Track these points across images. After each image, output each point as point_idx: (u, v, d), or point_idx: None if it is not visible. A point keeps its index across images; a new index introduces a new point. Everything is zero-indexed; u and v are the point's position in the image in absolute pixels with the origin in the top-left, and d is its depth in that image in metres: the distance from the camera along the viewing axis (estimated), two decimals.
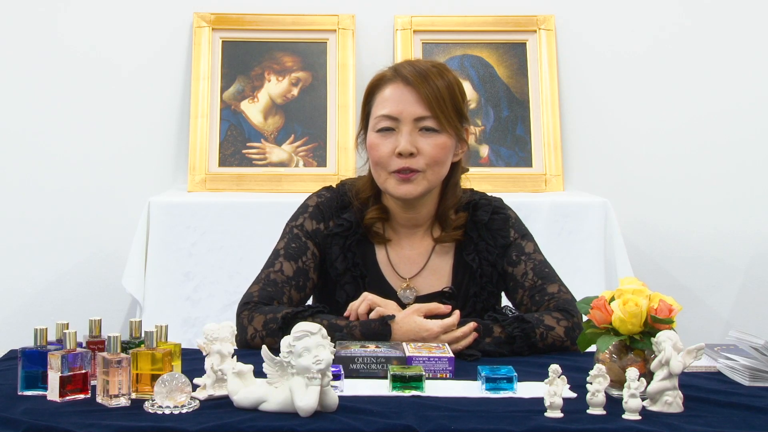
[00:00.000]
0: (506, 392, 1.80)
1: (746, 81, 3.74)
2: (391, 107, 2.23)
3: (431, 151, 2.22)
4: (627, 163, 3.73)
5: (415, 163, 2.22)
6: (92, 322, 1.93)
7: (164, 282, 3.31)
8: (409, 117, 2.22)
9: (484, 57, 3.70)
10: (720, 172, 3.73)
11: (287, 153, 3.61)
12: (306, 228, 2.32)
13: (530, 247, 2.35)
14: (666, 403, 1.71)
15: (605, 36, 3.74)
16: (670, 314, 1.78)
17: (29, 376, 1.80)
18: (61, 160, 3.64)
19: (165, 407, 1.67)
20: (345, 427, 1.60)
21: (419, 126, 2.23)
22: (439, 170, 2.25)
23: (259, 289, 2.26)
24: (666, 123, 3.73)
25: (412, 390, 1.79)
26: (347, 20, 3.67)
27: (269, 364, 1.69)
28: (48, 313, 3.56)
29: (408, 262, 2.33)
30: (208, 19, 3.65)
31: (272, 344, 1.89)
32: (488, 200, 2.38)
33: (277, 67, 3.66)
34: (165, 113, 3.66)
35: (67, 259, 3.64)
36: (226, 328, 1.78)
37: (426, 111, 2.22)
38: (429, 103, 2.21)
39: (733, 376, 1.96)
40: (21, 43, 3.65)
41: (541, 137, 3.64)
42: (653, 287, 1.84)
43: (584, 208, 3.39)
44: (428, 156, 2.22)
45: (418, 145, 2.22)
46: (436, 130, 2.23)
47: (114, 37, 3.67)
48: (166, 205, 3.34)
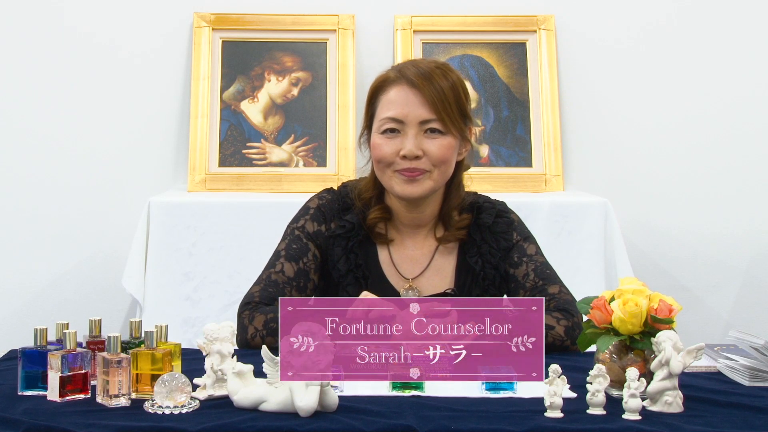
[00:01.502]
0: (506, 392, 1.80)
1: (746, 84, 3.73)
2: (396, 110, 2.23)
3: (437, 152, 2.23)
4: (627, 163, 3.73)
5: (421, 165, 2.23)
6: (92, 322, 1.93)
7: (164, 282, 3.31)
8: (415, 120, 2.22)
9: (484, 57, 3.70)
10: (720, 172, 3.73)
11: (287, 153, 3.61)
12: (307, 229, 2.32)
13: (532, 249, 2.35)
14: (666, 403, 1.71)
15: (605, 36, 3.73)
16: (670, 314, 1.78)
17: (29, 376, 1.80)
18: (61, 160, 3.64)
19: (165, 407, 1.67)
20: (345, 427, 1.60)
21: (424, 128, 2.23)
22: (445, 170, 2.26)
23: (260, 289, 2.27)
24: (666, 123, 3.73)
25: (412, 390, 1.79)
26: (347, 20, 3.67)
27: (269, 364, 1.69)
28: (48, 313, 3.57)
29: (411, 263, 2.33)
30: (208, 19, 3.65)
31: (272, 344, 1.89)
32: (492, 203, 2.39)
33: (277, 67, 3.66)
34: (165, 113, 3.66)
35: (67, 259, 3.64)
36: (226, 328, 1.78)
37: (431, 114, 2.22)
38: (434, 106, 2.22)
39: (733, 376, 1.96)
40: (21, 41, 3.65)
41: (541, 137, 3.64)
42: (653, 287, 1.84)
43: (584, 208, 3.39)
44: (434, 157, 2.23)
45: (423, 147, 2.23)
46: (441, 131, 2.23)
47: (114, 37, 3.67)
48: (166, 205, 3.34)
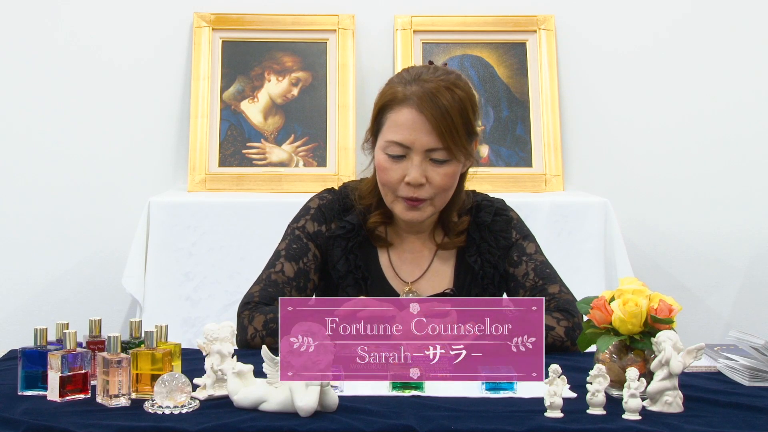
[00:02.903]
0: (506, 392, 1.80)
1: (746, 84, 3.73)
2: (403, 135, 2.21)
3: (440, 181, 2.22)
4: (627, 163, 3.73)
5: (424, 193, 2.22)
6: (92, 322, 1.93)
7: (164, 282, 3.31)
8: (421, 147, 2.21)
9: (484, 57, 3.70)
10: (720, 172, 3.73)
11: (287, 153, 3.61)
12: (307, 230, 2.32)
13: (532, 247, 2.35)
14: (666, 403, 1.71)
15: (605, 36, 3.73)
16: (670, 314, 1.78)
17: (29, 376, 1.80)
18: (61, 160, 3.64)
19: (165, 407, 1.67)
20: (345, 427, 1.60)
21: (430, 156, 2.22)
22: (446, 195, 2.26)
23: (260, 289, 2.26)
24: (666, 123, 3.73)
25: (412, 390, 1.79)
26: (347, 20, 3.67)
27: (269, 364, 1.69)
28: (48, 313, 3.57)
29: (410, 266, 2.33)
30: (208, 19, 3.65)
31: (272, 344, 1.89)
32: (491, 202, 2.38)
33: (277, 67, 3.66)
34: (165, 113, 3.66)
35: (67, 259, 3.64)
36: (226, 328, 1.78)
37: (438, 143, 2.20)
38: (441, 134, 2.19)
39: (733, 376, 1.96)
40: (20, 43, 3.65)
41: (541, 137, 3.64)
42: (653, 287, 1.84)
43: (584, 208, 3.39)
44: (437, 186, 2.23)
45: (428, 175, 2.22)
46: (446, 159, 2.23)
47: (114, 37, 3.67)
48: (166, 205, 3.34)
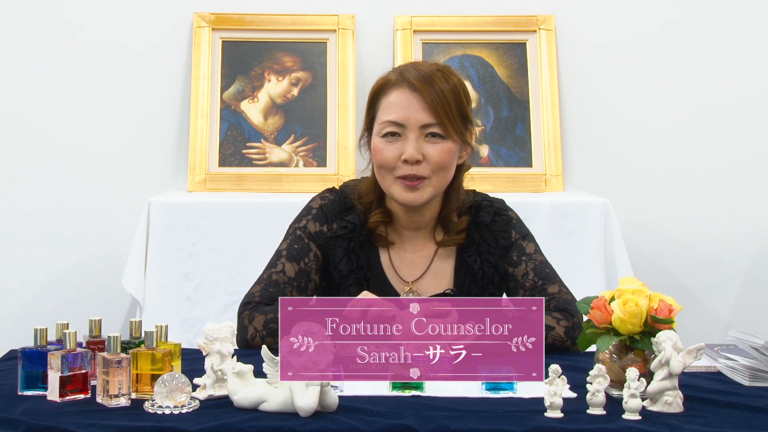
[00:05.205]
0: (506, 392, 1.80)
1: (746, 84, 3.74)
2: (397, 113, 2.23)
3: (437, 157, 2.23)
4: (627, 163, 3.73)
5: (421, 170, 2.23)
6: (92, 322, 1.93)
7: (164, 282, 3.31)
8: (416, 124, 2.22)
9: (484, 57, 3.70)
10: (720, 172, 3.73)
11: (287, 153, 3.61)
12: (309, 230, 2.32)
13: (531, 247, 2.35)
14: (666, 403, 1.71)
15: (605, 36, 3.74)
16: (670, 314, 1.78)
17: (29, 376, 1.80)
18: (61, 160, 3.64)
19: (165, 407, 1.67)
20: (345, 427, 1.60)
21: (425, 132, 2.23)
22: (445, 175, 2.26)
23: (260, 289, 2.27)
24: (666, 123, 3.73)
25: (412, 390, 1.79)
26: (347, 20, 3.67)
27: (269, 364, 1.69)
28: (48, 313, 3.57)
29: (411, 266, 2.33)
30: (208, 19, 3.65)
31: (273, 344, 1.89)
32: (490, 201, 2.38)
33: (277, 67, 3.66)
34: (165, 113, 3.66)
35: (67, 259, 3.64)
36: (226, 328, 1.78)
37: (432, 118, 2.22)
38: (435, 110, 2.21)
39: (733, 376, 1.96)
40: (22, 41, 3.65)
41: (541, 137, 3.64)
42: (653, 287, 1.84)
43: (584, 208, 3.39)
44: (434, 162, 2.23)
45: (424, 152, 2.22)
46: (441, 136, 2.23)
47: (114, 37, 3.67)
48: (166, 205, 3.34)
